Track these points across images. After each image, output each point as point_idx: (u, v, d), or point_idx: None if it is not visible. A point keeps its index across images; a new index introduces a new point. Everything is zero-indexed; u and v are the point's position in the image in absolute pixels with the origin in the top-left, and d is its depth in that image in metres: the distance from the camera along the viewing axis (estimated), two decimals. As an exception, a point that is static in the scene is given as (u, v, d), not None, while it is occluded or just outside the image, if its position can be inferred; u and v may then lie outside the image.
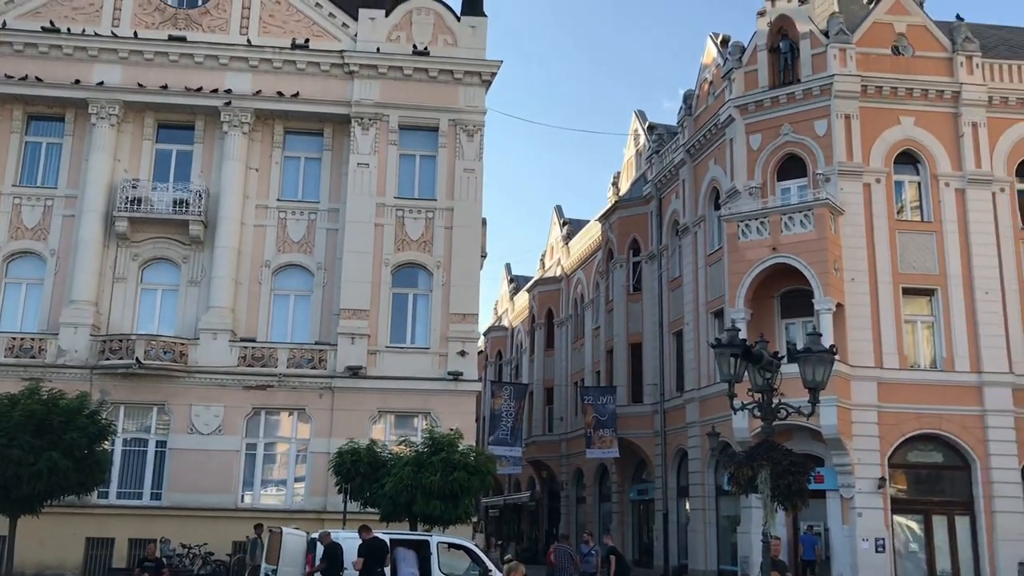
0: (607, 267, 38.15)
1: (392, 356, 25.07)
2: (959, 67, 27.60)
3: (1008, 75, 28.10)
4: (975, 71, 27.60)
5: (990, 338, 26.00)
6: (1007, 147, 27.60)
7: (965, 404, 25.54)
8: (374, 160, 25.99)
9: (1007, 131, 27.68)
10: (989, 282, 26.36)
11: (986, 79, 27.70)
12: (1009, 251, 26.80)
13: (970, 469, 25.45)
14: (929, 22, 28.26)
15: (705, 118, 31.38)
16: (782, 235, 25.76)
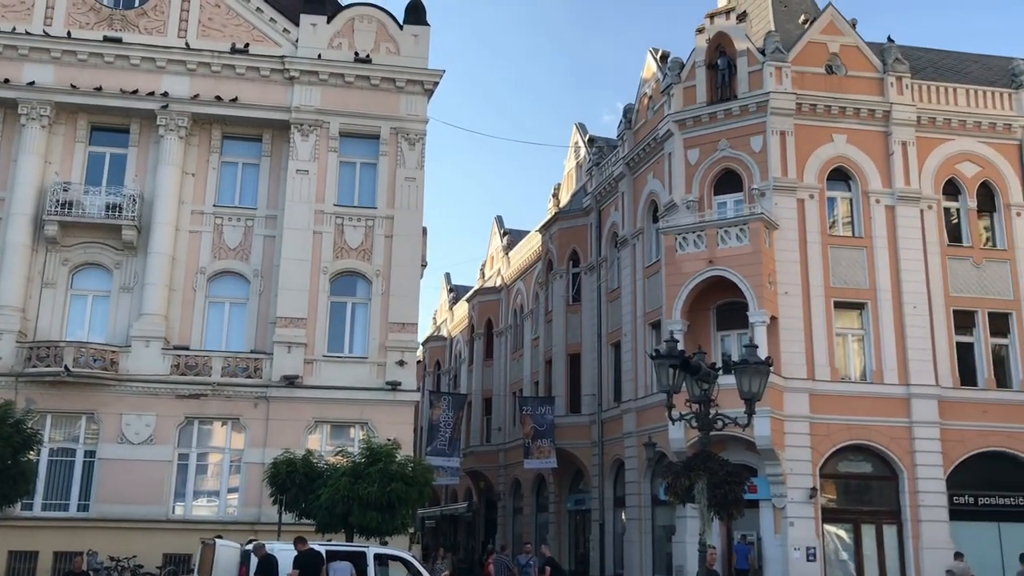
0: (547, 278, 38.27)
1: (329, 365, 24.78)
2: (890, 87, 28.36)
3: (936, 96, 28.95)
4: (905, 91, 28.38)
5: (917, 351, 26.69)
6: (934, 166, 28.41)
7: (893, 416, 26.15)
8: (314, 167, 25.72)
9: (935, 150, 28.50)
10: (917, 297, 27.06)
11: (915, 100, 28.50)
12: (936, 267, 27.57)
13: (898, 479, 26.06)
14: (861, 43, 29.01)
15: (644, 132, 31.72)
16: (718, 248, 26.13)
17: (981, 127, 28.84)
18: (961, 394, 26.78)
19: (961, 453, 26.28)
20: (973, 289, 27.79)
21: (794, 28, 30.63)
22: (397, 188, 25.94)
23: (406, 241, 25.67)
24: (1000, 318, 27.80)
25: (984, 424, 26.53)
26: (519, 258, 44.20)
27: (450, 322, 55.05)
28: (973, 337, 27.60)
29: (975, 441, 26.45)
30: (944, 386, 26.63)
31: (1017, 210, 28.51)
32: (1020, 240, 28.31)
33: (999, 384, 27.36)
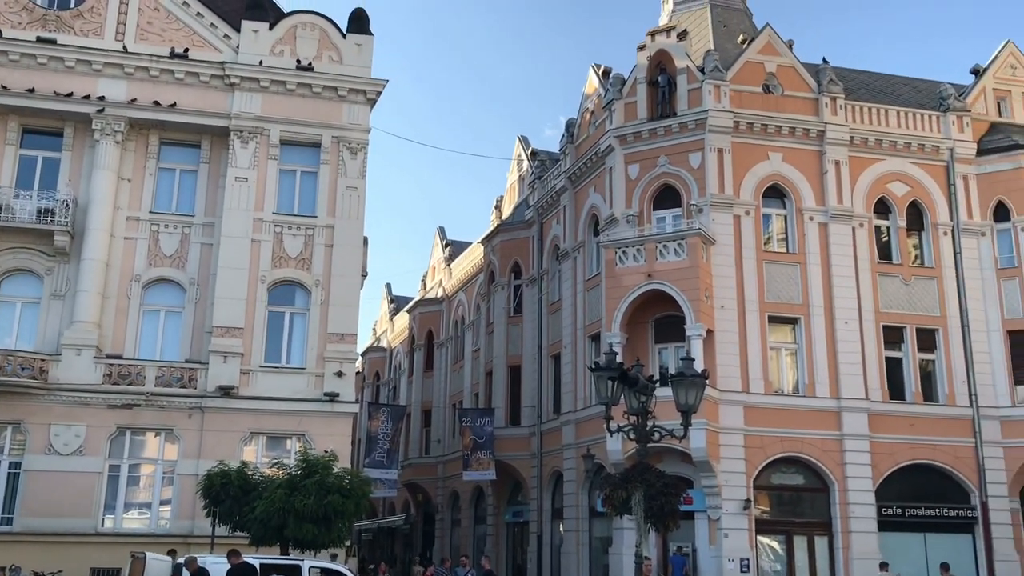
0: (488, 289, 38.32)
1: (266, 376, 24.45)
2: (824, 107, 29.06)
3: (868, 117, 29.76)
4: (839, 112, 29.12)
5: (848, 365, 27.31)
6: (866, 185, 29.17)
7: (825, 428, 26.70)
8: (253, 174, 25.42)
9: (866, 170, 29.28)
10: (848, 312, 27.71)
11: (848, 120, 29.25)
12: (867, 283, 28.27)
13: (829, 491, 26.58)
14: (797, 64, 29.69)
15: (586, 147, 32.02)
16: (657, 263, 26.47)
17: (911, 148, 29.71)
18: (890, 407, 27.47)
19: (890, 465, 26.94)
20: (902, 305, 28.56)
21: (733, 48, 31.25)
22: (338, 197, 25.76)
23: (346, 251, 25.49)
24: (927, 334, 28.61)
25: (911, 437, 27.25)
26: (461, 269, 44.18)
27: (390, 333, 54.73)
28: (902, 352, 28.35)
29: (903, 453, 27.14)
30: (874, 400, 27.28)
31: (944, 229, 29.40)
32: (947, 258, 29.19)
33: (926, 398, 28.12)
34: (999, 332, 28.56)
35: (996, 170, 29.67)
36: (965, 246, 29.19)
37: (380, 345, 56.23)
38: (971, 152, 29.93)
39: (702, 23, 33.39)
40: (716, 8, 34.03)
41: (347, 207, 25.74)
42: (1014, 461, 27.43)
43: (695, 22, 33.51)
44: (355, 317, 25.34)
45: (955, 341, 28.50)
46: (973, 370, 28.21)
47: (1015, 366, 28.25)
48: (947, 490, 27.55)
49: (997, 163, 29.70)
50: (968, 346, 28.42)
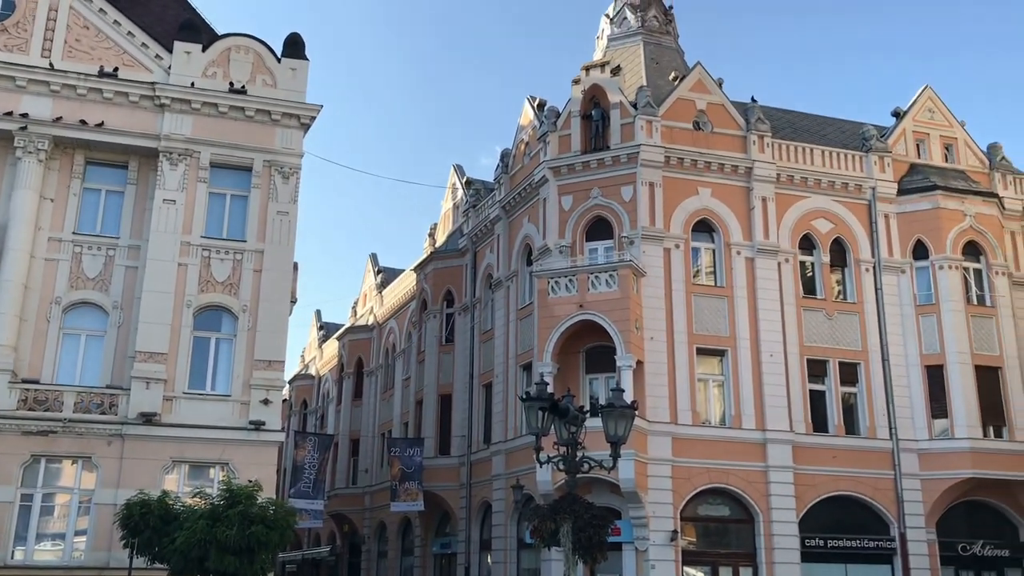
0: (420, 317, 38.17)
1: (190, 403, 23.89)
2: (752, 145, 29.81)
3: (794, 155, 30.63)
4: (766, 150, 29.90)
5: (773, 398, 27.86)
6: (792, 221, 29.95)
7: (750, 460, 27.13)
8: (181, 197, 24.97)
9: (792, 207, 30.08)
10: (773, 345, 28.31)
11: (775, 158, 30.06)
12: (792, 317, 28.93)
13: (754, 522, 26.97)
14: (727, 102, 30.44)
15: (521, 177, 32.27)
16: (589, 293, 26.72)
17: (835, 186, 30.62)
18: (813, 440, 28.06)
19: (813, 497, 27.46)
20: (825, 339, 29.28)
21: (665, 84, 31.91)
22: (269, 222, 25.44)
23: (276, 276, 25.15)
24: (849, 367, 29.36)
25: (834, 469, 27.85)
26: (393, 297, 43.95)
27: (319, 360, 54.05)
28: (825, 385, 29.04)
29: (826, 485, 27.71)
30: (798, 432, 27.85)
31: (866, 266, 30.30)
32: (868, 294, 30.07)
33: (848, 431, 28.81)
34: (917, 367, 29.45)
35: (915, 209, 30.74)
36: (886, 282, 30.11)
37: (308, 373, 55.45)
38: (892, 192, 30.96)
39: (635, 59, 34.07)
40: (649, 45, 34.80)
41: (278, 232, 25.43)
42: (931, 493, 28.22)
43: (628, 58, 34.18)
44: (283, 344, 24.95)
45: (876, 375, 29.30)
46: (893, 403, 29.02)
47: (932, 400, 29.15)
48: (867, 521, 28.18)
49: (916, 203, 30.78)
50: (888, 380, 29.25)
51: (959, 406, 28.66)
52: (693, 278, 28.64)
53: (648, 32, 35.34)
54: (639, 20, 35.52)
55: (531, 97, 33.37)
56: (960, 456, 28.25)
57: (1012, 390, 29.33)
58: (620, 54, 34.48)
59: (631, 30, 35.47)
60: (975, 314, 29.81)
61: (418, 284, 38.99)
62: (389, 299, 44.59)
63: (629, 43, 35.06)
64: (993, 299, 30.21)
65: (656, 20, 35.89)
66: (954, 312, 29.51)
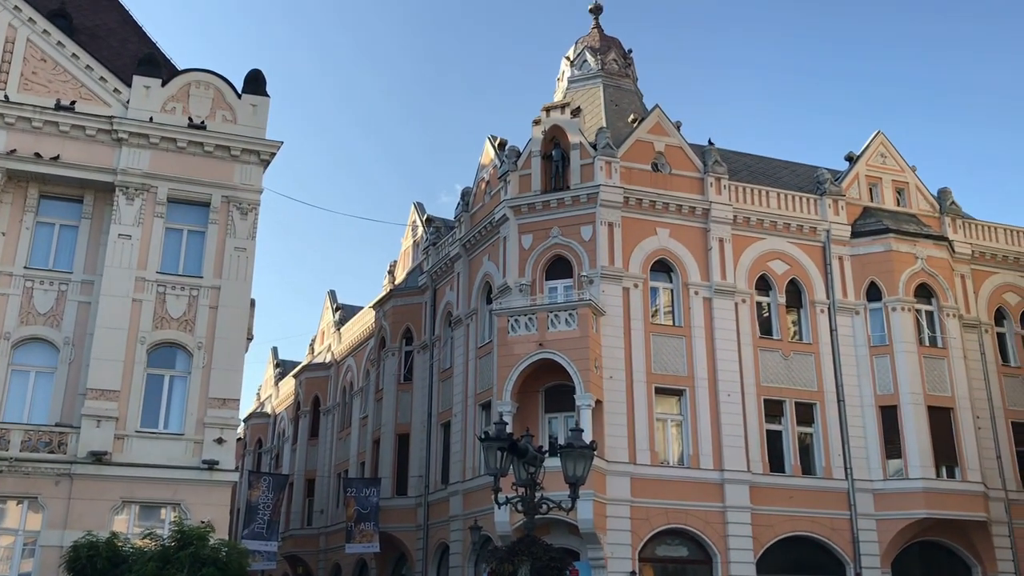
0: (379, 355, 37.94)
1: (142, 442, 23.43)
2: (709, 187, 30.28)
3: (750, 198, 31.14)
4: (723, 192, 30.37)
5: (731, 438, 28.03)
6: (748, 262, 30.37)
7: (709, 500, 27.20)
8: (137, 232, 24.69)
9: (749, 248, 30.52)
10: (731, 385, 28.54)
11: (732, 200, 30.53)
12: (749, 357, 29.22)
13: (712, 562, 26.98)
14: (684, 144, 30.93)
15: (481, 215, 32.41)
16: (548, 332, 26.80)
17: (790, 228, 31.14)
18: (770, 480, 28.23)
19: (770, 537, 27.56)
20: (782, 380, 29.59)
21: (624, 126, 32.38)
22: (226, 258, 25.23)
23: (232, 312, 24.90)
24: (806, 408, 29.68)
25: (791, 509, 28.01)
26: (351, 334, 43.68)
27: (275, 398, 53.38)
28: (781, 425, 29.29)
29: (783, 525, 27.84)
30: (755, 472, 28.00)
31: (821, 307, 30.75)
32: (824, 335, 30.48)
33: (804, 471, 29.04)
34: (872, 407, 29.84)
35: (868, 252, 31.33)
36: (840, 323, 30.57)
37: (264, 411, 54.73)
38: (845, 234, 31.56)
39: (595, 101, 34.55)
40: (608, 88, 35.34)
41: (235, 268, 25.22)
42: (886, 533, 28.46)
43: (588, 99, 34.65)
44: (238, 381, 24.64)
45: (831, 415, 29.63)
46: (848, 443, 29.33)
47: (887, 440, 29.52)
48: (824, 562, 28.32)
49: (869, 245, 31.39)
50: (843, 420, 29.58)
51: (912, 446, 29.04)
52: (652, 318, 28.86)
53: (608, 75, 35.91)
54: (599, 63, 36.09)
55: (492, 136, 33.66)
56: (914, 496, 28.57)
57: (963, 430, 29.80)
58: (580, 95, 34.95)
59: (591, 72, 36.02)
60: (927, 355, 30.33)
61: (377, 322, 38.81)
62: (347, 337, 44.30)
63: (589, 85, 35.58)
64: (944, 340, 30.76)
65: (616, 63, 36.50)
66: (907, 353, 30.01)
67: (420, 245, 38.86)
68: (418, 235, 39.64)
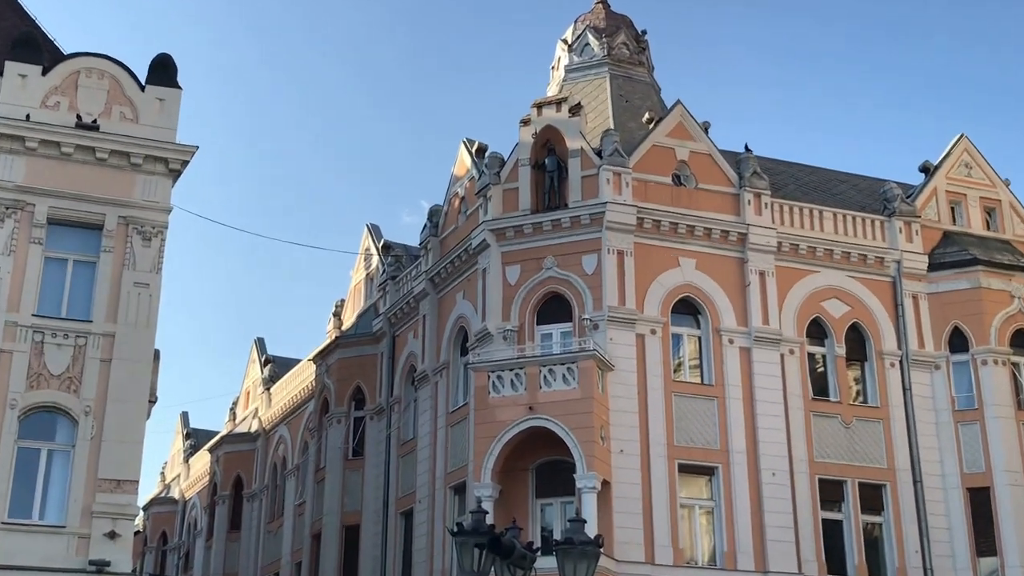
0: (320, 422, 37.73)
1: (10, 537, 23.08)
2: (747, 205, 30.42)
3: (799, 219, 31.29)
4: (764, 211, 30.52)
5: (777, 529, 27.90)
6: (797, 302, 30.44)
7: (749, 610, 27.00)
8: (7, 263, 24.50)
9: (798, 283, 30.62)
10: (776, 461, 28.45)
11: (776, 222, 30.67)
12: (799, 425, 29.16)
13: None
14: (715, 151, 31.14)
15: (454, 241, 32.46)
16: (541, 392, 26.71)
17: (851, 259, 31.29)
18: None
19: (827, 658, 27.36)
20: (841, 454, 29.55)
21: (637, 127, 32.59)
22: (123, 296, 25.03)
23: (130, 368, 24.67)
24: (872, 490, 29.62)
25: (854, 622, 27.83)
26: (284, 395, 43.44)
27: (184, 479, 52.94)
28: (842, 513, 29.21)
29: (844, 643, 27.64)
30: (808, 574, 27.82)
31: (891, 360, 30.79)
32: (895, 396, 30.48)
33: (871, 571, 28.91)
34: (958, 489, 29.80)
35: (950, 289, 31.51)
36: (916, 381, 30.63)
37: (170, 496, 54.27)
38: (921, 266, 31.74)
39: (600, 96, 34.80)
40: (617, 78, 35.61)
41: (134, 310, 25.02)
42: (978, 652, 28.31)
43: (591, 94, 34.90)
44: (137, 457, 24.38)
45: (906, 500, 29.56)
46: (928, 537, 29.26)
47: (977, 532, 29.42)
48: None
49: (951, 281, 31.56)
50: (921, 507, 29.53)
51: (1010, 539, 28.97)
52: (674, 373, 28.81)
53: (616, 63, 36.20)
54: (604, 47, 36.40)
55: (468, 140, 33.76)
56: (1014, 605, 28.49)
57: (1076, 519, 29.77)
58: (581, 89, 35.20)
59: (595, 59, 36.30)
60: (1028, 422, 30.43)
61: (318, 379, 38.61)
62: (279, 398, 44.02)
63: (592, 75, 35.85)
64: (1051, 402, 30.87)
65: (626, 48, 36.82)
66: (1001, 419, 30.05)
67: (375, 279, 38.78)
68: (372, 266, 39.59)
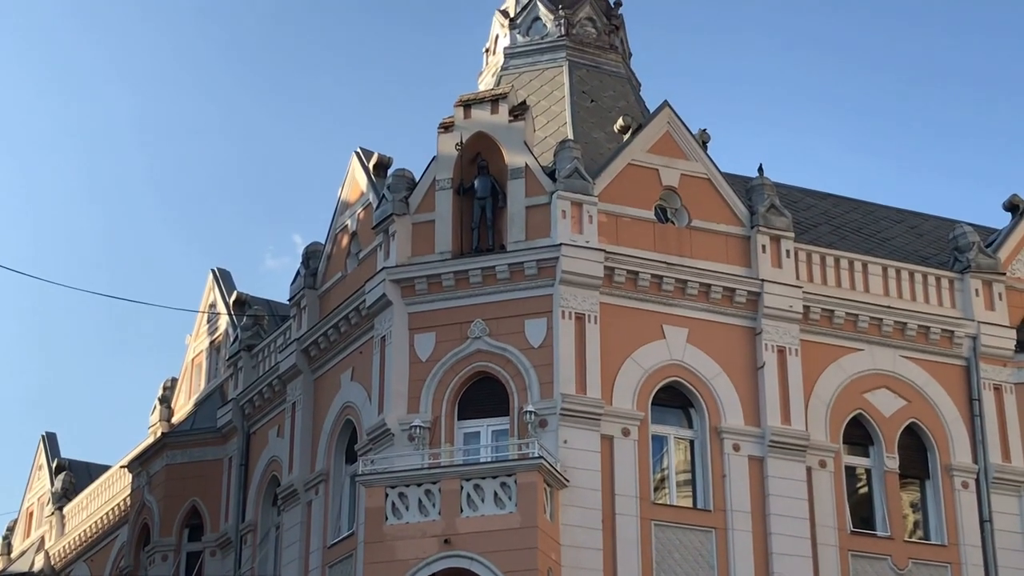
0: (136, 559, 37.21)
1: None
2: (760, 252, 30.58)
3: (833, 274, 31.52)
4: (784, 262, 30.68)
5: None
6: (831, 393, 30.59)
7: None
8: None
9: (832, 366, 30.84)
10: (799, 614, 28.52)
11: (801, 277, 30.88)
12: (832, 567, 29.18)
13: None
14: (716, 174, 31.29)
15: (340, 296, 32.30)
16: (461, 518, 26.51)
17: (906, 332, 31.55)
18: None
19: None
20: (892, 612, 29.70)
21: (606, 138, 32.77)
22: None
23: None
24: (935, 662, 29.79)
25: None
26: (85, 518, 42.97)
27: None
28: None
29: None
30: None
31: (964, 478, 31.00)
32: (969, 530, 30.63)
33: None
34: (1055, 657, 30.11)
35: (1048, 379, 31.99)
36: (998, 509, 30.93)
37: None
38: (1007, 345, 32.15)
39: (555, 92, 35.00)
40: (579, 68, 35.85)
41: None
42: None
43: (542, 89, 35.09)
44: None
45: (983, 674, 29.82)
46: None
47: None
48: None
49: (1050, 366, 32.06)
50: None
51: None
52: (654, 493, 28.78)
53: (578, 46, 36.46)
54: (561, 24, 36.60)
55: (363, 151, 33.63)
56: None
57: None
58: (527, 81, 35.36)
59: (547, 40, 36.52)
60: None
61: (136, 495, 38.11)
62: (77, 522, 43.50)
63: (544, 63, 36.05)
64: None
65: (592, 25, 37.12)
66: (1118, 564, 30.45)
67: (222, 350, 38.50)
68: (219, 331, 39.30)
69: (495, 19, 37.83)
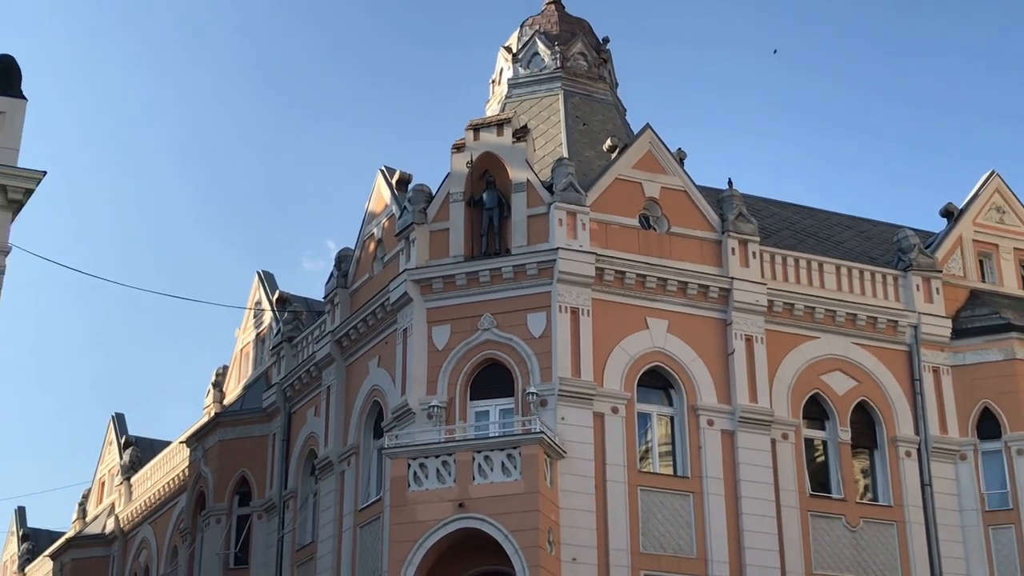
0: (194, 522, 37.28)
1: None
2: (730, 254, 30.69)
3: (794, 272, 31.63)
4: (751, 262, 30.80)
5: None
6: (792, 375, 30.68)
7: None
8: None
9: (793, 352, 30.91)
10: (766, 572, 28.43)
11: (766, 275, 30.97)
12: (794, 527, 29.22)
13: None
14: (692, 187, 31.43)
15: (367, 294, 32.38)
16: (474, 485, 26.60)
17: (857, 322, 31.61)
18: None
19: None
20: (846, 564, 29.65)
21: (596, 156, 32.86)
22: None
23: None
24: (885, 610, 29.78)
25: None
26: (149, 487, 43.01)
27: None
28: (848, 639, 29.32)
29: None
30: None
31: (907, 448, 31.04)
32: (911, 492, 30.69)
33: None
34: (989, 609, 30.08)
35: (979, 361, 31.95)
36: (937, 474, 30.90)
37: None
38: (944, 333, 32.17)
39: (551, 117, 35.11)
40: (573, 96, 35.92)
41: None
42: None
43: (541, 115, 35.20)
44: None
45: (925, 621, 29.78)
46: (952, 668, 29.46)
47: (1013, 662, 29.71)
48: None
49: (981, 351, 32.01)
50: (944, 630, 29.76)
51: (1053, 671, 29.23)
52: (640, 463, 28.85)
53: (571, 77, 36.55)
54: (557, 58, 36.73)
55: (387, 169, 33.78)
56: None
57: None
58: (528, 108, 35.46)
59: (545, 72, 36.62)
60: (1075, 524, 30.80)
61: (193, 467, 38.18)
62: (142, 491, 43.49)
63: (542, 92, 36.14)
64: (1102, 500, 31.24)
65: (584, 59, 37.20)
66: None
67: (267, 341, 38.57)
68: (264, 325, 39.34)
69: (500, 54, 38.02)
